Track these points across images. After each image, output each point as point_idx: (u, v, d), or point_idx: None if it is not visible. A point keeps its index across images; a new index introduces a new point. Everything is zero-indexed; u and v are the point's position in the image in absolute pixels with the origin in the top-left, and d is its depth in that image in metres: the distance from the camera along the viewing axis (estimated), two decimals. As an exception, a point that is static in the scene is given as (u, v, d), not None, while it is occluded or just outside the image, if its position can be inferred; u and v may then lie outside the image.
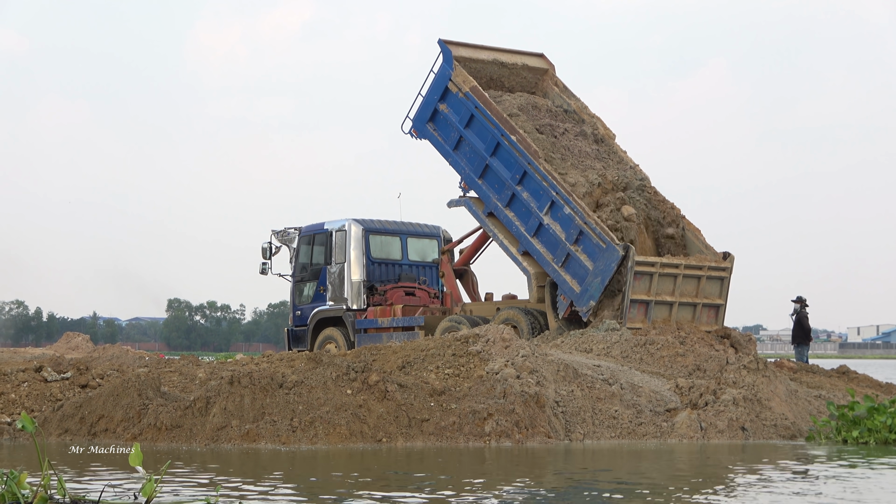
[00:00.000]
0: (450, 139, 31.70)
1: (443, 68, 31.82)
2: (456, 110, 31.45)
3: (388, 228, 35.05)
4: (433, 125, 32.04)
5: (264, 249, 35.70)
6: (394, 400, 20.83)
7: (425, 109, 32.19)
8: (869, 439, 21.88)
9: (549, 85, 33.62)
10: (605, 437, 21.57)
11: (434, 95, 31.99)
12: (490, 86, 32.69)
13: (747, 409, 22.76)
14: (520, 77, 33.47)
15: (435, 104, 31.90)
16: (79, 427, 21.06)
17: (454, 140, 31.58)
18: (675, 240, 30.59)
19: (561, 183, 29.34)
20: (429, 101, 32.13)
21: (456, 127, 31.41)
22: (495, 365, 22.16)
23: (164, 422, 20.35)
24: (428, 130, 32.15)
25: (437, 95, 31.87)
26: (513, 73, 33.37)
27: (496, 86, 32.97)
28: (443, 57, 31.89)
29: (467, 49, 32.66)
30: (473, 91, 30.99)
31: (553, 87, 33.57)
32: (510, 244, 30.85)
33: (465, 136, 31.27)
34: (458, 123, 31.36)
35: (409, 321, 32.50)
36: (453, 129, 31.53)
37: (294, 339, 35.18)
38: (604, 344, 26.37)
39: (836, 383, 27.62)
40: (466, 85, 31.13)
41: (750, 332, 29.90)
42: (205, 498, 12.96)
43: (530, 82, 33.63)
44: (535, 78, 33.71)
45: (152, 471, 13.99)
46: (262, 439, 19.72)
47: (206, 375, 23.42)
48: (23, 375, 23.55)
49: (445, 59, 31.79)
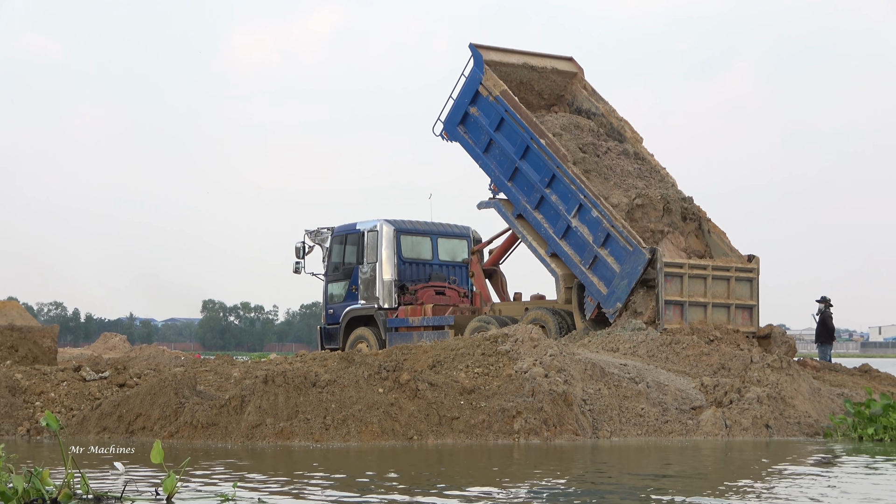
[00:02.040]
0: (480, 142, 31.66)
1: (473, 72, 31.78)
2: (486, 113, 31.41)
3: (418, 229, 35.07)
4: (464, 128, 32.02)
5: (298, 249, 35.75)
6: (424, 398, 20.86)
7: (456, 112, 32.16)
8: (884, 436, 21.87)
9: (578, 88, 33.53)
10: (632, 434, 21.57)
11: (465, 98, 31.94)
12: (520, 89, 32.62)
13: (771, 407, 22.74)
14: (549, 80, 33.40)
15: (466, 107, 31.85)
16: (117, 425, 21.13)
17: (484, 143, 31.54)
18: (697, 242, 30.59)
19: (588, 187, 29.33)
20: (459, 104, 32.09)
21: (486, 130, 31.38)
22: (524, 364, 22.18)
23: (200, 420, 20.42)
24: (458, 133, 32.14)
25: (468, 98, 31.82)
26: (542, 77, 33.30)
27: (526, 89, 32.92)
28: (473, 61, 31.84)
29: (497, 53, 32.59)
30: (504, 95, 30.96)
31: (582, 91, 33.48)
32: (538, 246, 30.82)
33: (495, 138, 31.24)
34: (488, 126, 31.32)
35: (439, 320, 32.50)
36: (483, 132, 31.50)
37: (326, 337, 35.21)
38: (630, 343, 26.35)
39: (859, 381, 27.57)
40: (497, 89, 31.09)
41: (791, 337, 29.79)
42: (222, 495, 13.00)
43: (559, 85, 33.56)
44: (564, 81, 33.63)
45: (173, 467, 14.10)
46: (295, 437, 19.77)
47: (240, 375, 23.49)
48: (62, 375, 23.69)
49: (476, 63, 31.75)
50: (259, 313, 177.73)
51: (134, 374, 24.02)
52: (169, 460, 16.28)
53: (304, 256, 35.80)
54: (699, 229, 30.87)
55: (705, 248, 30.66)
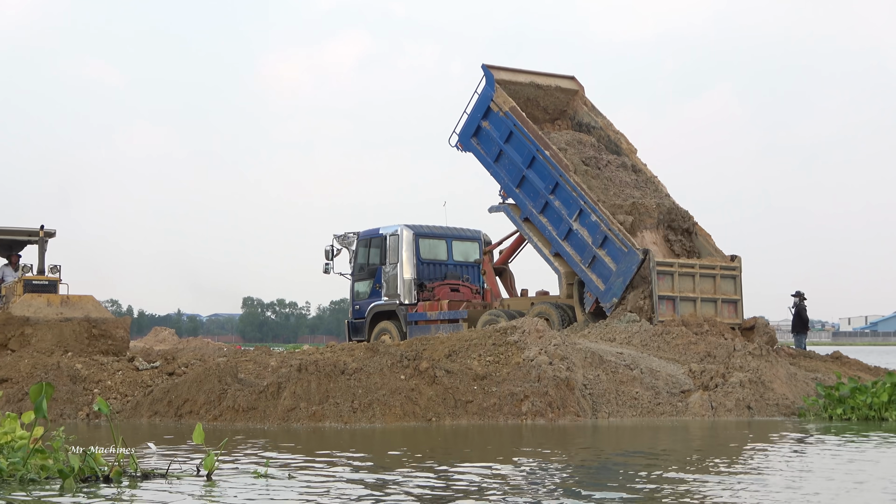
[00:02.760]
0: (491, 152, 31.67)
1: (486, 90, 31.79)
2: (497, 127, 31.43)
3: (435, 233, 35.07)
4: (477, 140, 32.02)
5: (327, 252, 35.75)
6: (441, 384, 20.91)
7: (470, 126, 32.16)
8: (851, 416, 21.91)
9: (579, 104, 33.53)
10: (628, 415, 21.59)
11: (478, 113, 31.93)
12: (527, 105, 32.61)
13: (752, 391, 22.76)
14: (553, 97, 33.41)
15: (479, 121, 31.86)
16: (167, 409, 21.17)
17: (495, 153, 31.56)
18: (685, 244, 30.66)
19: (588, 193, 29.38)
20: (473, 119, 32.10)
21: (497, 142, 31.39)
22: (530, 353, 22.21)
23: (241, 404, 20.47)
24: (472, 144, 32.15)
25: (481, 113, 31.82)
26: (547, 94, 33.31)
27: (533, 105, 32.91)
28: (486, 80, 31.85)
29: (507, 73, 32.59)
30: (512, 111, 30.98)
31: (582, 107, 33.48)
32: (543, 246, 30.84)
33: (504, 150, 31.25)
34: (498, 139, 31.33)
35: (454, 314, 32.50)
36: (494, 144, 31.50)
37: (353, 330, 35.23)
38: (625, 334, 26.36)
39: (831, 367, 27.55)
40: (506, 105, 31.12)
41: (773, 328, 29.83)
42: (256, 471, 13.02)
43: (562, 101, 33.56)
44: (567, 98, 33.63)
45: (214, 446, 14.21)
46: (326, 419, 19.81)
47: (277, 363, 23.51)
48: (117, 365, 23.79)
49: (488, 82, 31.77)
50: (293, 309, 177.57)
51: (182, 364, 24.10)
52: (212, 441, 16.45)
53: (332, 258, 35.79)
54: (687, 232, 30.92)
55: (693, 248, 30.72)
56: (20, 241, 31.03)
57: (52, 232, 30.31)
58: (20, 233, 30.64)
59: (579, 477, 13.22)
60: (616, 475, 13.31)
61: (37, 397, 11.88)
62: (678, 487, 12.09)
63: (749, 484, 12.46)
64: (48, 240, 30.29)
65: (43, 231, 30.17)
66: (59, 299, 28.30)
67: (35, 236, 30.29)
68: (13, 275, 30.83)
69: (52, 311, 27.69)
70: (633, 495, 11.46)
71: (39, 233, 30.18)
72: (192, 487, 11.85)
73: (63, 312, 27.82)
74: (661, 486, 12.17)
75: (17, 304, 27.91)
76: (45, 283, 29.24)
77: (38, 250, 30.09)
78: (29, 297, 28.23)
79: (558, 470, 13.89)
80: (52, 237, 30.32)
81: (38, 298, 28.12)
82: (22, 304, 27.81)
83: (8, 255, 31.59)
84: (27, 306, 27.63)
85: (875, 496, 11.63)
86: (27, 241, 30.91)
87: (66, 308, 27.98)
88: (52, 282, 29.32)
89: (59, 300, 28.26)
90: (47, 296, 28.39)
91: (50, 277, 29.41)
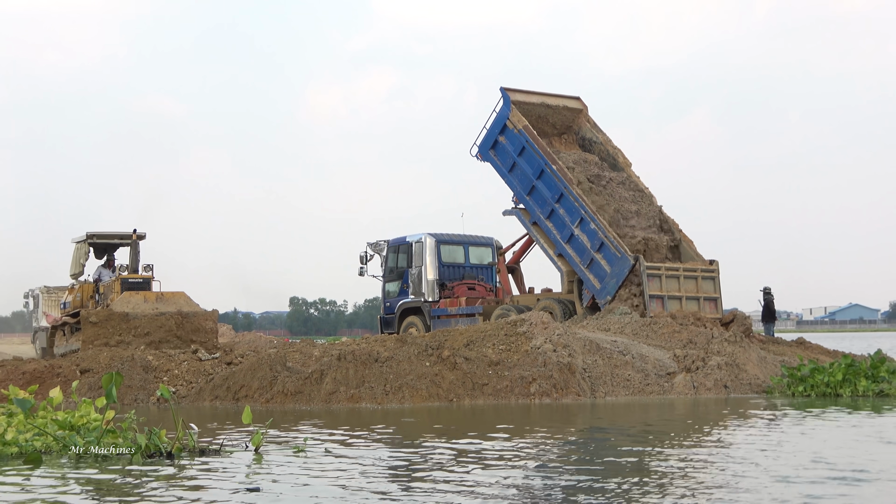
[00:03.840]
0: (506, 163, 31.60)
1: (503, 109, 31.70)
2: (511, 141, 31.36)
3: (454, 239, 34.96)
4: (494, 152, 31.94)
5: (361, 257, 35.65)
6: (461, 369, 20.81)
7: (488, 139, 32.06)
8: (811, 392, 21.77)
9: (583, 121, 33.40)
10: (621, 394, 21.47)
11: (495, 129, 31.84)
12: (538, 122, 32.54)
13: (728, 372, 22.61)
14: (561, 115, 33.28)
15: (496, 136, 31.77)
16: (226, 394, 21.14)
17: (509, 164, 31.48)
18: (673, 249, 30.53)
19: (589, 205, 29.30)
20: (491, 134, 31.99)
21: (511, 154, 31.30)
22: (537, 342, 22.10)
23: (289, 389, 20.40)
24: (490, 155, 32.07)
25: (498, 129, 31.74)
26: (555, 112, 33.18)
27: (543, 122, 32.80)
28: (503, 100, 31.75)
29: (521, 94, 32.51)
30: (525, 129, 30.93)
31: (585, 124, 33.35)
32: (548, 247, 30.75)
33: (517, 161, 31.17)
34: (512, 152, 31.26)
35: (471, 309, 32.39)
36: (509, 156, 31.42)
37: (385, 324, 35.13)
38: (619, 325, 26.24)
39: (796, 351, 27.41)
40: (520, 123, 31.06)
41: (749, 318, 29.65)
42: (296, 446, 12.94)
43: (569, 118, 33.39)
44: (573, 115, 33.46)
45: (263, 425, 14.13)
46: (362, 401, 19.74)
47: (320, 353, 23.44)
48: (183, 356, 23.71)
49: (505, 102, 31.68)
50: (333, 306, 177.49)
51: (238, 355, 24.02)
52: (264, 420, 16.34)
53: (366, 262, 35.69)
54: (673, 237, 30.76)
55: (677, 252, 30.57)
56: (114, 243, 30.72)
57: (144, 235, 30.03)
58: (115, 236, 30.39)
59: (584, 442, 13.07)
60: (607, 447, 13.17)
61: (107, 385, 11.86)
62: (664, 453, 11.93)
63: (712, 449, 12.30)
64: (140, 242, 30.02)
65: (136, 234, 29.95)
66: (154, 296, 28.07)
67: (128, 239, 30.06)
68: (110, 274, 30.39)
69: (149, 307, 27.49)
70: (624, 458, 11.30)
71: (133, 236, 29.99)
72: (241, 461, 11.82)
73: (158, 308, 27.64)
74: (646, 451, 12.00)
75: (116, 302, 27.67)
76: (140, 281, 28.98)
77: (131, 251, 29.81)
78: (127, 294, 27.94)
79: (565, 444, 13.73)
80: (143, 239, 30.02)
81: (135, 296, 27.86)
82: (121, 301, 27.55)
83: (104, 256, 31.16)
84: (126, 303, 27.38)
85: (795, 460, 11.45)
86: (120, 243, 30.57)
87: (160, 304, 27.79)
88: (146, 279, 29.05)
89: (154, 297, 28.03)
90: (144, 293, 28.14)
91: (144, 275, 29.14)
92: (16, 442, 12.00)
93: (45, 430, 12.19)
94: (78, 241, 30.93)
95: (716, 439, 14.07)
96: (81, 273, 31.04)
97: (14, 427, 12.24)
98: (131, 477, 10.63)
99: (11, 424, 12.31)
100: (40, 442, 12.09)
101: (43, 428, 12.25)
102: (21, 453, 11.90)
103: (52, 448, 12.12)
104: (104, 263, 31.07)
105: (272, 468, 11.30)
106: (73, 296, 31.01)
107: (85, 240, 30.45)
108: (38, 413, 12.84)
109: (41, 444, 12.08)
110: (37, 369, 23.43)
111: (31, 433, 12.25)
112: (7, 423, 12.35)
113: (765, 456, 11.92)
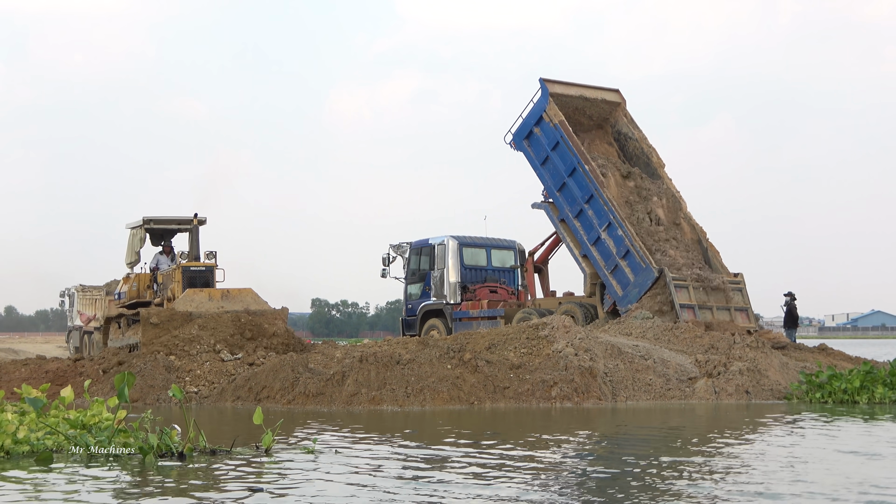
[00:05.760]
0: (539, 156, 31.06)
1: (540, 101, 31.06)
2: (546, 135, 30.80)
3: (476, 242, 34.68)
4: (528, 142, 31.38)
5: (384, 259, 35.38)
6: (482, 372, 20.52)
7: (523, 129, 31.48)
8: (828, 399, 21.50)
9: (620, 115, 32.60)
10: (643, 399, 21.12)
11: (531, 120, 31.23)
12: (575, 113, 31.79)
13: (750, 378, 22.24)
14: (598, 108, 32.51)
15: (531, 127, 31.19)
16: (248, 395, 20.92)
17: (542, 157, 30.94)
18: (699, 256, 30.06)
19: (618, 210, 28.87)
20: (526, 123, 31.41)
21: (545, 147, 30.78)
22: (559, 345, 21.80)
23: (311, 390, 20.15)
24: (523, 145, 31.52)
25: (534, 120, 31.12)
26: (593, 105, 32.42)
27: (580, 113, 32.03)
28: (541, 91, 31.12)
29: (560, 86, 31.82)
30: (561, 124, 30.33)
31: (622, 118, 32.58)
32: (574, 247, 30.36)
33: (550, 156, 30.66)
34: (546, 145, 30.73)
35: (492, 312, 32.13)
36: (542, 149, 30.89)
37: (407, 326, 34.89)
38: (640, 329, 25.95)
39: (818, 357, 26.98)
40: (556, 118, 30.43)
41: (780, 333, 29.22)
42: (306, 447, 12.77)
43: (606, 111, 32.54)
44: (610, 108, 32.61)
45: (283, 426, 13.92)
46: (384, 403, 19.46)
47: (342, 355, 23.17)
48: (206, 356, 23.42)
49: (543, 94, 31.04)
50: (355, 308, 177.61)
51: (260, 356, 23.71)
52: (287, 421, 16.05)
53: (389, 264, 35.42)
54: (700, 246, 30.27)
55: (704, 262, 29.97)
56: (172, 229, 28.17)
57: (204, 220, 27.65)
58: (174, 221, 27.83)
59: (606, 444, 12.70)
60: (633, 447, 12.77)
61: (120, 384, 11.67)
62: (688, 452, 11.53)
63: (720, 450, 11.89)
64: (200, 227, 27.72)
65: (196, 218, 27.57)
66: (219, 293, 25.71)
67: (189, 224, 27.62)
68: (168, 262, 27.98)
69: (214, 306, 25.28)
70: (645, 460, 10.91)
71: (193, 220, 27.58)
72: (252, 461, 11.71)
73: (224, 306, 25.38)
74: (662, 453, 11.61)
75: (180, 300, 25.48)
76: (203, 269, 26.69)
77: (191, 238, 27.58)
78: (191, 292, 25.68)
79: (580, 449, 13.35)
80: (203, 224, 27.66)
81: (199, 293, 25.57)
82: (185, 299, 25.39)
83: (160, 243, 28.49)
84: (189, 301, 25.25)
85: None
86: (178, 229, 28.04)
87: (226, 301, 25.54)
88: (208, 267, 26.74)
89: (219, 294, 25.69)
90: (208, 290, 25.82)
91: (206, 263, 26.84)
92: (27, 440, 11.86)
93: (57, 429, 12.07)
94: (133, 227, 28.15)
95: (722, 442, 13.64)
96: (138, 261, 28.49)
97: (26, 425, 12.12)
98: (140, 476, 10.48)
99: (23, 423, 12.19)
100: (52, 440, 11.96)
101: (55, 427, 12.13)
102: (32, 452, 11.76)
103: (64, 447, 11.97)
104: (161, 251, 28.47)
105: (280, 466, 11.25)
106: (129, 286, 28.39)
107: (141, 225, 27.82)
108: (50, 412, 12.70)
109: (52, 442, 11.96)
110: (59, 368, 23.24)
111: (42, 432, 12.15)
112: (19, 421, 12.23)
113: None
